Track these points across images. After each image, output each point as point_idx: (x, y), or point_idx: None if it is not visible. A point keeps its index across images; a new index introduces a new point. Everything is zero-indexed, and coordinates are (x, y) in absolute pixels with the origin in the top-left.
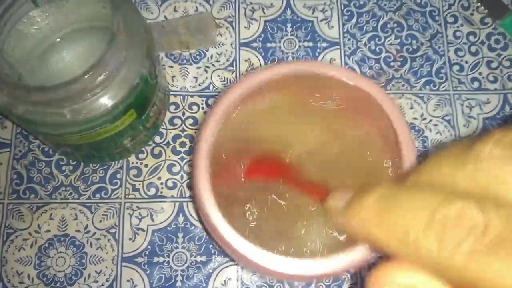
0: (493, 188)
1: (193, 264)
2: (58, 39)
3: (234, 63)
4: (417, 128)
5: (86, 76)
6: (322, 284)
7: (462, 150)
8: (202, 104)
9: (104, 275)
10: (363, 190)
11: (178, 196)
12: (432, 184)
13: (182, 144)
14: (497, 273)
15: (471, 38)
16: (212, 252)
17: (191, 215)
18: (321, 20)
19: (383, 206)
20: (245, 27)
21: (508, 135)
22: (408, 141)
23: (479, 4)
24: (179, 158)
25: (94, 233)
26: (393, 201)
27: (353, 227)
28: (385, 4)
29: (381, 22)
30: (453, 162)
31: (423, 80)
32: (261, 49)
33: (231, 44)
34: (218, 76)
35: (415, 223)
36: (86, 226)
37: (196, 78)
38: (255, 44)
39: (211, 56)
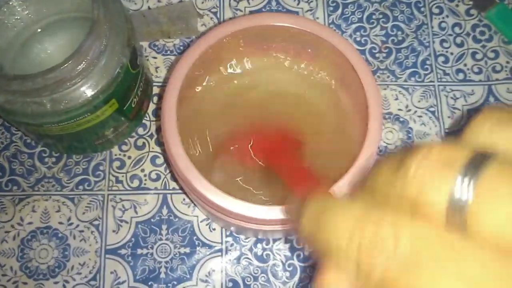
0: (418, 204)
1: (177, 255)
2: (39, 30)
3: None
4: (401, 119)
5: (65, 65)
6: (306, 274)
7: (396, 162)
8: None
9: (88, 267)
10: (309, 198)
11: (162, 188)
12: (374, 190)
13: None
14: None
15: (456, 29)
16: (196, 243)
17: (175, 207)
18: (306, 11)
19: (318, 217)
20: (230, 18)
21: (433, 151)
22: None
23: None
24: (162, 150)
25: (77, 225)
26: (326, 213)
27: (301, 234)
28: None
29: (366, 13)
30: (389, 175)
31: (408, 71)
32: None
33: None
34: None
35: (338, 238)
36: (69, 218)
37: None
38: None
39: None
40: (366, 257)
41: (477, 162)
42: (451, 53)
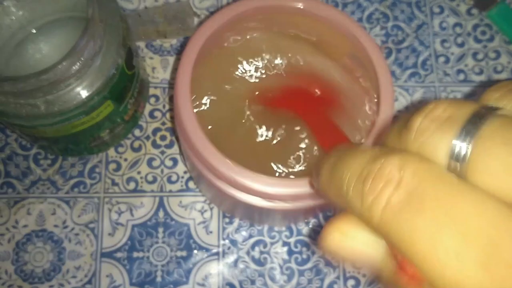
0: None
1: (173, 259)
2: (34, 30)
3: None
4: None
5: (59, 66)
6: (303, 277)
7: (405, 120)
8: None
9: (83, 270)
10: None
11: (158, 190)
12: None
13: (163, 138)
14: (406, 226)
15: (457, 29)
16: (193, 247)
17: (171, 210)
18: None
19: (334, 163)
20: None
21: (438, 107)
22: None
23: None
24: (159, 152)
25: (73, 228)
26: (341, 158)
27: (320, 189)
28: None
29: (366, 13)
30: (395, 134)
31: (409, 72)
32: None
33: None
34: None
35: (348, 177)
36: (65, 221)
37: (177, 69)
38: None
39: None
40: (372, 187)
41: (480, 116)
42: (452, 53)
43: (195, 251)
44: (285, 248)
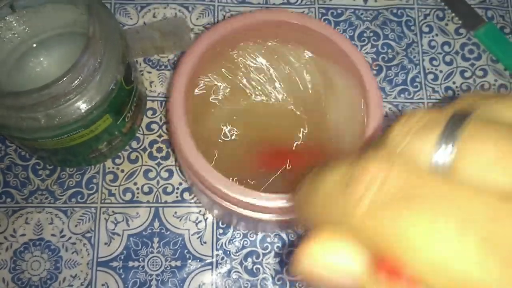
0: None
1: (168, 268)
2: (35, 44)
3: None
4: None
5: (60, 82)
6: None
7: (379, 139)
8: None
9: (79, 279)
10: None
11: (154, 201)
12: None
13: (159, 150)
14: (392, 225)
15: (446, 48)
16: (187, 257)
17: (166, 220)
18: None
19: (312, 183)
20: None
21: (415, 116)
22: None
23: (453, 14)
24: (155, 164)
25: (70, 238)
26: (318, 173)
27: (301, 215)
28: (362, 14)
29: (357, 31)
30: (377, 143)
31: (398, 88)
32: None
33: None
34: None
35: (332, 186)
36: (62, 230)
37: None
38: None
39: None
40: (355, 188)
41: (458, 119)
42: (441, 71)
43: (189, 261)
44: (277, 259)
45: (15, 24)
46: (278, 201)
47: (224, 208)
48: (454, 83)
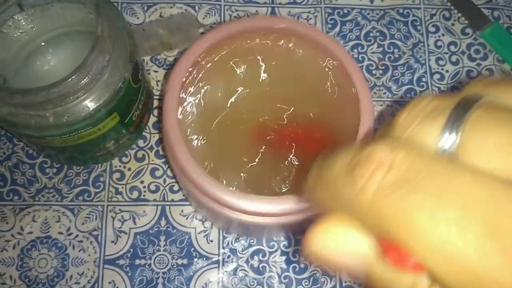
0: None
1: (174, 266)
2: (43, 43)
3: None
4: None
5: (68, 80)
6: (301, 286)
7: (387, 124)
8: None
9: (86, 277)
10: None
11: (161, 199)
12: None
13: (166, 149)
14: (399, 208)
15: (452, 47)
16: (194, 255)
17: (173, 219)
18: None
19: (320, 169)
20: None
21: (422, 101)
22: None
23: (460, 14)
24: (162, 162)
25: (77, 235)
26: (327, 158)
27: (312, 201)
28: (368, 13)
29: (364, 31)
30: (383, 131)
31: (404, 88)
32: None
33: None
34: None
35: (336, 170)
36: (69, 228)
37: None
38: None
39: None
40: (362, 171)
41: (466, 103)
42: (447, 71)
43: (196, 259)
44: (284, 258)
45: (23, 23)
46: (277, 205)
47: (223, 216)
48: (460, 82)
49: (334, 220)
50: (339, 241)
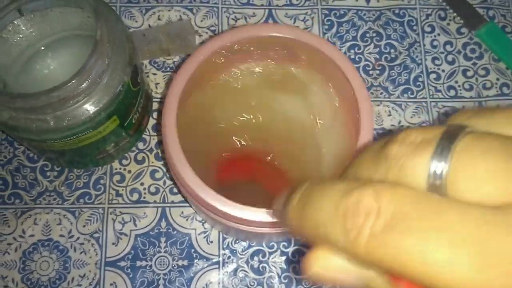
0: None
1: (175, 268)
2: (43, 47)
3: None
4: None
5: (68, 84)
6: (301, 286)
7: (377, 150)
8: None
9: (88, 279)
10: (292, 190)
11: (161, 201)
12: (357, 176)
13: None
14: (394, 249)
15: (448, 47)
16: (194, 256)
17: (173, 220)
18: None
19: (303, 202)
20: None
21: (411, 134)
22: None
23: (455, 14)
24: (162, 164)
25: (78, 238)
26: (310, 196)
27: (290, 227)
28: (365, 14)
29: (360, 32)
30: (370, 162)
31: (401, 88)
32: None
33: None
34: None
35: (324, 215)
36: (70, 231)
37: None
38: None
39: None
40: (353, 223)
41: (452, 133)
42: (443, 70)
43: (196, 261)
44: (283, 258)
45: (23, 28)
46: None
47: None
48: (456, 82)
49: (328, 249)
50: (338, 262)
